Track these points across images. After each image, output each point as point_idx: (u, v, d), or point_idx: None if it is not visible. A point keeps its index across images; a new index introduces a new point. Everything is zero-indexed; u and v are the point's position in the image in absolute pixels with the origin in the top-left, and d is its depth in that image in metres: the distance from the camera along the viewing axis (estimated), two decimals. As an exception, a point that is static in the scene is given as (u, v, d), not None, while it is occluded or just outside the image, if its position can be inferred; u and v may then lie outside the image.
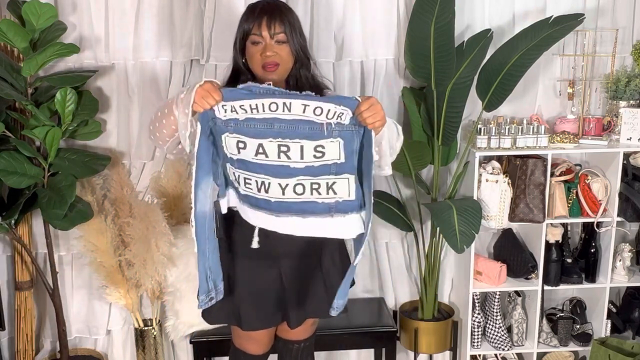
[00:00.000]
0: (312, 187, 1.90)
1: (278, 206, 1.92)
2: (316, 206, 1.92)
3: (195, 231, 1.93)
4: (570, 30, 2.63)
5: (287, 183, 1.89)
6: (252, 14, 2.01)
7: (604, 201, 2.84)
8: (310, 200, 1.91)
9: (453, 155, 2.91)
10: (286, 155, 1.86)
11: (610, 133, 2.87)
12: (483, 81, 2.71)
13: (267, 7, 2.02)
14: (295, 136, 1.84)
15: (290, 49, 2.02)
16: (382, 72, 2.87)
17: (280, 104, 1.82)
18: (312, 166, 1.87)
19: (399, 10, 2.82)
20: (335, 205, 1.93)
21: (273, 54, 1.99)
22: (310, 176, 1.88)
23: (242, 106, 1.83)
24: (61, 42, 2.47)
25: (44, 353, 2.97)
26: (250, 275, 2.12)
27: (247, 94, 1.84)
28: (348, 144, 1.87)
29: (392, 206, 2.86)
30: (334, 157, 1.88)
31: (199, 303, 2.03)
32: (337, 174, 1.89)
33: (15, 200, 2.59)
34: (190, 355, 2.97)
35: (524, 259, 2.89)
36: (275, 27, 1.99)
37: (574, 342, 3.00)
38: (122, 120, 2.84)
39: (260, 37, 1.99)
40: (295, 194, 1.90)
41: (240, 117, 1.84)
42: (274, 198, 1.91)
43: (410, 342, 2.92)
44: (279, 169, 1.88)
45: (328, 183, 1.90)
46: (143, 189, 2.88)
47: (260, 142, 1.85)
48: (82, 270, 2.92)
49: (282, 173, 1.88)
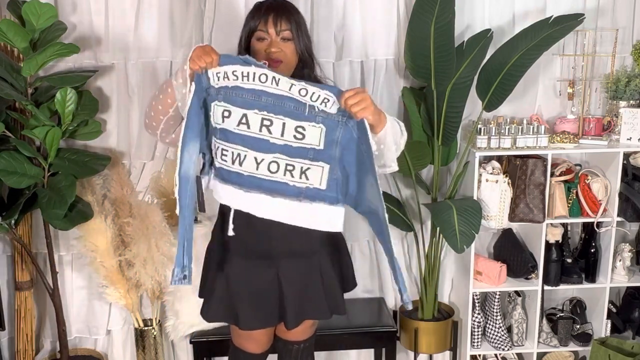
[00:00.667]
0: (287, 167, 1.91)
1: (249, 181, 1.91)
2: (287, 188, 1.92)
3: (179, 190, 1.91)
4: (570, 30, 2.63)
5: (263, 158, 1.89)
6: (259, 12, 2.04)
7: (604, 201, 2.84)
8: (282, 180, 1.92)
9: (453, 155, 2.91)
10: (268, 129, 1.88)
11: (610, 133, 2.87)
12: (483, 81, 2.71)
13: (274, 5, 2.04)
14: (280, 112, 1.87)
15: (295, 48, 2.04)
16: (382, 72, 2.87)
17: (270, 76, 1.86)
18: (290, 146, 1.89)
19: (399, 10, 2.82)
20: (305, 190, 1.93)
21: (278, 50, 2.01)
22: (287, 156, 1.90)
23: (235, 72, 1.87)
24: (61, 42, 2.47)
25: (44, 353, 2.97)
26: (247, 274, 2.12)
27: (242, 62, 1.88)
28: (330, 132, 1.90)
29: (392, 206, 2.86)
30: (314, 143, 1.90)
31: (172, 278, 1.96)
32: (313, 159, 1.91)
33: (15, 200, 2.59)
34: (190, 355, 2.97)
35: (524, 259, 2.89)
36: (281, 24, 2.01)
37: (574, 342, 3.00)
38: (122, 120, 2.84)
39: (266, 33, 2.02)
40: (268, 171, 1.90)
41: (230, 85, 1.87)
42: (247, 172, 1.91)
43: (410, 342, 2.92)
44: (258, 142, 1.89)
45: (302, 167, 1.91)
46: (143, 189, 2.88)
47: (245, 113, 1.87)
48: (82, 270, 2.92)
49: (260, 147, 1.89)
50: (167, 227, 2.70)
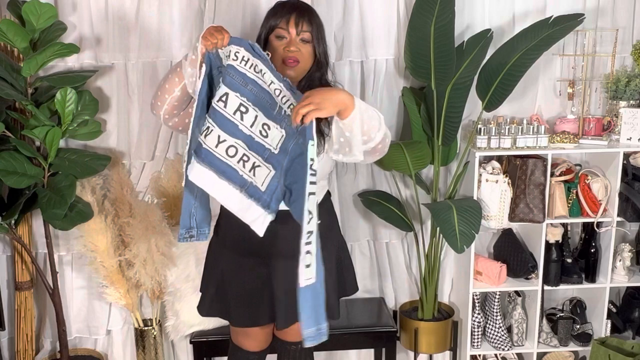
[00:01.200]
0: (243, 157, 1.91)
1: (205, 154, 1.90)
2: (235, 175, 1.92)
3: (186, 166, 1.94)
4: (570, 30, 2.63)
5: (225, 139, 1.90)
6: (282, 10, 2.06)
7: (604, 201, 2.84)
8: (234, 167, 1.92)
9: (453, 155, 2.91)
10: (241, 115, 1.90)
11: (610, 133, 2.87)
12: (483, 81, 2.71)
13: (297, 5, 2.08)
14: (257, 104, 1.91)
15: (313, 50, 2.07)
16: (382, 72, 2.87)
17: (260, 67, 1.91)
18: (253, 139, 1.91)
19: (399, 10, 2.82)
20: (248, 184, 1.93)
21: (296, 50, 2.03)
22: (246, 146, 1.92)
23: (237, 52, 1.91)
24: (61, 42, 2.47)
25: (44, 353, 2.97)
26: (240, 271, 2.14)
27: (248, 46, 1.92)
28: (286, 140, 1.93)
29: (392, 206, 2.86)
30: (272, 144, 1.93)
31: (178, 237, 2.05)
32: (265, 160, 1.94)
33: (15, 200, 2.59)
34: (190, 355, 2.97)
35: (524, 259, 2.89)
36: (303, 25, 2.04)
37: (574, 342, 3.00)
38: (122, 120, 2.84)
39: (287, 32, 2.04)
40: (225, 154, 1.90)
41: (227, 63, 1.91)
42: (207, 146, 1.90)
43: (410, 342, 2.92)
44: (227, 122, 1.90)
45: (255, 163, 1.93)
46: (143, 189, 2.88)
47: (227, 92, 1.89)
48: (82, 270, 2.92)
49: (227, 128, 1.90)
50: (167, 227, 2.70)
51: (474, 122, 2.81)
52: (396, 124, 2.93)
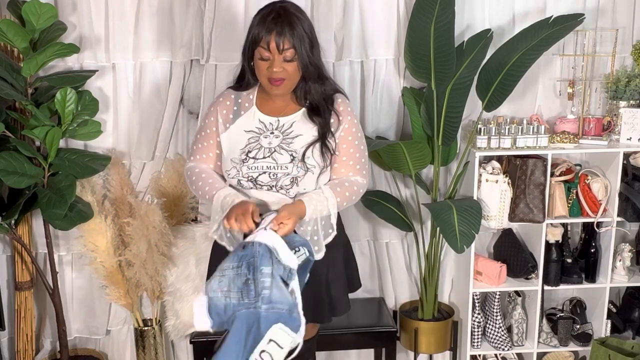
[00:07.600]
0: None
1: None
2: None
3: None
4: (570, 30, 2.63)
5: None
6: (263, 23, 2.00)
7: (604, 201, 2.84)
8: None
9: (453, 155, 2.91)
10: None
11: (610, 133, 2.87)
12: (483, 81, 2.71)
13: (278, 19, 1.99)
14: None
15: (298, 66, 2.03)
16: (382, 72, 2.86)
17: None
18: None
19: (399, 10, 2.82)
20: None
21: (280, 70, 2.00)
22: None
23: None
24: (61, 42, 2.47)
25: (44, 353, 2.97)
26: None
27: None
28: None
29: (392, 206, 2.86)
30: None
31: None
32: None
33: (15, 200, 2.59)
34: (190, 355, 2.96)
35: (524, 259, 2.89)
36: (284, 43, 1.98)
37: (574, 342, 2.99)
38: (122, 120, 2.84)
39: (269, 52, 1.99)
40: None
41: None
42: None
43: (410, 342, 2.92)
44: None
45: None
46: (143, 189, 2.88)
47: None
48: (82, 270, 2.92)
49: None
50: (167, 227, 2.69)
51: (474, 122, 2.81)
52: (396, 124, 2.93)
